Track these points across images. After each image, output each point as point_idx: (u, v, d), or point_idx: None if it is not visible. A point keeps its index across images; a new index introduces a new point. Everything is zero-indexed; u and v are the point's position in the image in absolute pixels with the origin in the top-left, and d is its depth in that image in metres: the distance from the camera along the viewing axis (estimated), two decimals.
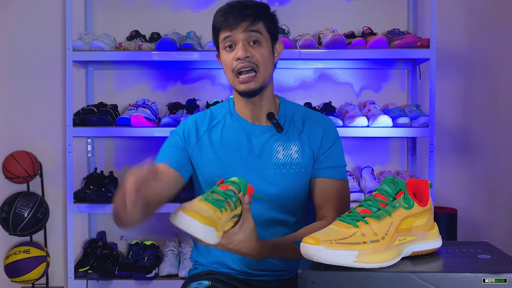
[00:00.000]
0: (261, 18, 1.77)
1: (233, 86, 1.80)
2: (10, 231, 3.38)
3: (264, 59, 1.76)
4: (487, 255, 1.28)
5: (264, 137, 1.84)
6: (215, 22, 1.79)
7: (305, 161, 1.82)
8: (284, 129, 1.85)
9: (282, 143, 1.83)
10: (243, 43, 1.74)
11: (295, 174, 1.81)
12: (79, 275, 3.29)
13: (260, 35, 1.76)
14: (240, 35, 1.74)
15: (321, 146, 1.84)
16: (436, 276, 1.15)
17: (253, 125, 1.86)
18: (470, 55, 3.65)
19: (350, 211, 1.26)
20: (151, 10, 3.64)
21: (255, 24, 1.75)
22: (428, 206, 1.31)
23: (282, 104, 1.92)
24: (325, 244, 1.15)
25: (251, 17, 1.74)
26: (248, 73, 1.74)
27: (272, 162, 1.81)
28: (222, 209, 1.38)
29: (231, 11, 1.75)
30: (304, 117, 1.90)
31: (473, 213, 3.65)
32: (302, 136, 1.85)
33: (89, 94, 3.64)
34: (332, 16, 3.63)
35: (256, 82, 1.75)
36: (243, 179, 1.50)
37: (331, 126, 1.89)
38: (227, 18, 1.74)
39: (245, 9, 1.75)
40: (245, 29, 1.74)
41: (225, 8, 1.78)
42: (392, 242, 1.21)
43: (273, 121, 1.84)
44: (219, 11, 1.80)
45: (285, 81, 3.67)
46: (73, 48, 3.23)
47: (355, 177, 3.51)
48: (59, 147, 3.64)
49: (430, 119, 3.22)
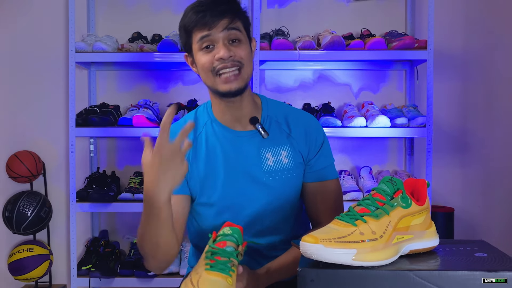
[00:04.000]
0: (238, 15, 1.65)
1: (214, 87, 1.66)
2: (13, 230, 3.40)
3: (247, 57, 1.65)
4: (484, 254, 1.27)
5: (252, 145, 1.72)
6: (187, 21, 1.64)
7: (295, 165, 1.73)
8: (271, 133, 1.73)
9: (271, 149, 1.72)
10: (223, 42, 1.61)
11: (288, 180, 1.72)
12: (82, 273, 3.30)
13: (240, 33, 1.64)
14: (220, 34, 1.61)
15: (311, 149, 1.75)
16: (433, 274, 1.14)
17: (237, 133, 1.73)
18: (467, 57, 3.67)
19: (349, 210, 1.25)
20: (153, 12, 3.65)
21: (234, 21, 1.62)
22: (425, 205, 1.30)
23: (264, 104, 1.79)
24: (324, 243, 1.14)
25: (229, 14, 1.62)
26: (232, 71, 1.62)
27: (263, 170, 1.71)
28: (230, 272, 1.37)
29: (206, 9, 1.60)
30: (287, 116, 1.77)
31: (469, 212, 3.67)
32: (290, 139, 1.74)
33: (92, 95, 3.67)
34: (331, 18, 3.65)
35: (240, 80, 1.63)
36: (236, 228, 1.46)
37: (316, 125, 1.79)
38: (204, 16, 1.60)
39: (220, 5, 1.61)
40: (225, 27, 1.61)
41: (197, 5, 1.63)
42: (390, 240, 1.21)
43: (258, 126, 1.72)
44: (191, 9, 1.64)
45: (284, 82, 3.70)
46: (75, 49, 3.25)
47: (354, 176, 3.52)
48: (62, 147, 3.67)
49: (427, 119, 3.23)
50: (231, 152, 1.72)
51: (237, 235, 1.45)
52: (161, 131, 1.35)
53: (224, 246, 1.42)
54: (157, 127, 3.27)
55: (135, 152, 3.67)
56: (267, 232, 1.74)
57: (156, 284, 3.28)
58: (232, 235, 1.44)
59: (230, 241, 1.43)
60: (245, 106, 1.71)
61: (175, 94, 3.67)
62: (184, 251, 3.44)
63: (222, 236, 1.45)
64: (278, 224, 1.75)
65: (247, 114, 1.72)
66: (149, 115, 3.27)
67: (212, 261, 1.39)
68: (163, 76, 3.70)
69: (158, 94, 3.68)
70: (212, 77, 1.63)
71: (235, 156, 1.71)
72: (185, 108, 3.42)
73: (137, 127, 3.24)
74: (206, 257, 1.42)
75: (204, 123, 1.76)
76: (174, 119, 3.21)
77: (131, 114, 3.32)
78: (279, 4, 3.68)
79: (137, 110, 3.37)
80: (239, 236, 1.46)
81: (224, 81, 1.62)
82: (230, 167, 1.71)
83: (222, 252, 1.41)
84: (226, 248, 1.41)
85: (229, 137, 1.73)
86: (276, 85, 3.70)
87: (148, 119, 3.24)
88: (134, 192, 3.29)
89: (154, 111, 3.38)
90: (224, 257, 1.40)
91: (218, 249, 1.41)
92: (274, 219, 1.73)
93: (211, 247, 1.43)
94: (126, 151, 3.70)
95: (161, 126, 1.36)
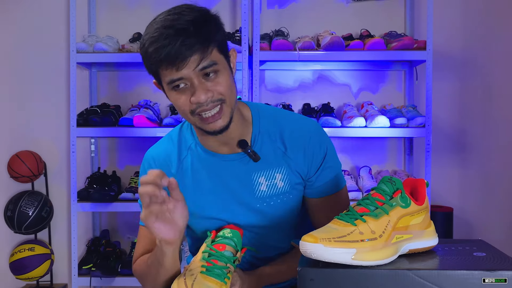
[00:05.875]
0: (211, 41, 1.34)
1: (196, 125, 1.44)
2: (15, 229, 3.42)
3: (228, 88, 1.39)
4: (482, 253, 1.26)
5: (242, 169, 1.53)
6: (149, 60, 1.35)
7: (292, 187, 1.55)
8: (263, 152, 1.52)
9: (264, 173, 1.53)
10: (198, 80, 1.34)
11: (284, 203, 1.55)
12: (83, 272, 3.32)
13: (216, 65, 1.36)
14: (192, 74, 1.33)
15: (311, 167, 1.55)
16: (432, 274, 1.14)
17: (224, 157, 1.53)
18: (466, 57, 3.68)
19: (349, 210, 1.25)
20: (153, 13, 3.55)
21: (207, 54, 1.33)
22: (424, 204, 1.29)
23: (255, 118, 1.55)
24: (323, 242, 1.14)
25: (199, 47, 1.31)
26: (213, 111, 1.38)
27: (256, 196, 1.54)
28: (226, 280, 1.35)
29: (167, 43, 1.30)
30: (283, 133, 1.54)
31: (468, 212, 3.68)
32: (286, 158, 1.54)
33: (93, 95, 3.68)
34: (330, 18, 3.66)
35: (224, 117, 1.40)
36: (236, 231, 1.42)
37: (316, 137, 1.56)
38: (167, 54, 1.30)
39: (186, 36, 1.30)
40: (196, 65, 1.32)
41: (157, 36, 1.32)
42: (390, 240, 1.20)
43: (247, 150, 1.50)
44: (150, 44, 1.32)
45: (284, 82, 3.71)
46: (77, 50, 3.26)
47: (353, 176, 3.54)
48: (63, 147, 3.68)
49: (426, 119, 3.24)
50: (219, 179, 1.54)
51: (236, 239, 1.42)
52: (141, 197, 1.27)
53: (223, 250, 1.39)
54: (158, 127, 3.29)
55: (135, 152, 3.68)
56: (266, 248, 1.62)
57: None
58: (231, 238, 1.41)
59: (229, 245, 1.40)
60: (233, 130, 1.48)
61: None
62: (185, 250, 3.45)
63: (221, 238, 1.42)
64: (277, 243, 1.63)
65: (235, 137, 1.51)
66: (149, 115, 3.29)
67: (209, 264, 1.36)
68: None
69: (159, 94, 3.63)
70: (192, 117, 1.40)
71: (223, 183, 1.54)
72: None
73: (137, 127, 3.26)
74: (203, 258, 1.39)
75: (188, 146, 1.57)
76: (174, 119, 3.24)
77: (131, 114, 3.33)
78: (279, 5, 3.70)
79: (137, 110, 3.38)
80: (238, 240, 1.43)
81: (206, 121, 1.40)
82: (220, 196, 1.55)
83: (220, 256, 1.38)
84: (224, 253, 1.38)
85: (216, 162, 1.54)
86: (276, 86, 3.71)
87: (149, 119, 3.26)
88: (135, 191, 3.30)
89: (155, 111, 3.39)
90: (222, 262, 1.37)
91: (217, 252, 1.38)
92: (273, 238, 1.61)
93: (209, 248, 1.41)
94: (127, 151, 3.71)
95: (140, 193, 1.26)
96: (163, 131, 3.22)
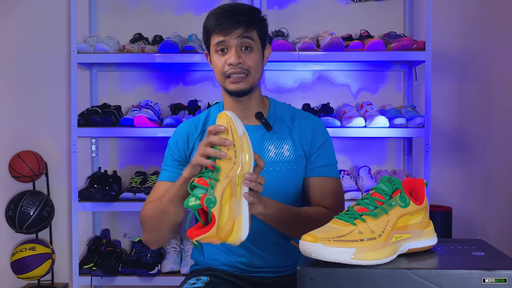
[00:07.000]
0: (254, 25, 1.78)
1: (223, 85, 1.82)
2: (16, 229, 3.42)
3: (255, 65, 1.78)
4: (481, 252, 1.28)
5: (255, 136, 1.80)
6: (208, 24, 1.79)
7: (296, 159, 1.83)
8: (274, 128, 1.86)
9: (273, 142, 1.84)
10: (236, 49, 1.75)
11: (287, 171, 1.82)
12: (84, 271, 3.32)
13: (253, 42, 1.77)
14: (234, 41, 1.75)
15: (312, 145, 1.85)
16: (431, 273, 1.15)
17: None
18: (465, 57, 3.69)
19: (348, 209, 1.26)
20: (154, 14, 3.67)
21: (248, 31, 1.76)
22: (423, 204, 1.31)
23: (272, 104, 1.94)
24: (323, 242, 1.15)
25: (244, 24, 1.75)
26: (239, 75, 1.76)
27: (265, 160, 1.79)
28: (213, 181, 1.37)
29: (224, 16, 1.75)
30: (293, 116, 1.91)
31: (467, 212, 3.69)
32: (293, 134, 1.86)
33: (93, 95, 3.69)
34: (330, 19, 3.67)
35: (246, 82, 1.78)
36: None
37: (320, 125, 1.91)
38: (221, 23, 1.74)
39: (238, 15, 1.75)
40: (239, 35, 1.75)
41: (218, 11, 1.78)
42: (389, 239, 1.22)
43: (262, 120, 1.85)
44: (212, 14, 1.79)
45: (284, 83, 3.72)
46: (77, 50, 3.27)
47: (353, 176, 3.53)
48: (64, 147, 3.69)
49: (425, 119, 3.25)
50: None
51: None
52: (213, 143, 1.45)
53: None
54: (158, 127, 3.30)
55: (136, 152, 3.70)
56: None
57: (157, 283, 3.30)
58: None
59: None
60: (253, 105, 1.86)
61: (176, 95, 3.69)
62: (185, 250, 3.46)
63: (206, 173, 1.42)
64: None
65: (254, 112, 1.87)
66: (150, 115, 3.30)
67: None
68: (164, 76, 3.72)
69: (159, 94, 3.70)
70: (223, 78, 1.79)
71: None
72: (185, 109, 3.44)
73: (138, 127, 3.26)
74: None
75: (214, 118, 1.88)
76: (174, 119, 3.26)
77: (132, 115, 3.34)
78: (278, 6, 3.70)
79: (138, 110, 3.39)
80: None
81: (232, 82, 1.78)
82: None
83: None
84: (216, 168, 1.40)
85: None
86: (275, 86, 3.72)
87: (149, 120, 3.26)
88: (136, 191, 3.31)
89: (155, 111, 3.40)
90: None
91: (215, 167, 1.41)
92: None
93: None
94: (128, 151, 3.72)
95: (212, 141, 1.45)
96: (163, 131, 3.23)
